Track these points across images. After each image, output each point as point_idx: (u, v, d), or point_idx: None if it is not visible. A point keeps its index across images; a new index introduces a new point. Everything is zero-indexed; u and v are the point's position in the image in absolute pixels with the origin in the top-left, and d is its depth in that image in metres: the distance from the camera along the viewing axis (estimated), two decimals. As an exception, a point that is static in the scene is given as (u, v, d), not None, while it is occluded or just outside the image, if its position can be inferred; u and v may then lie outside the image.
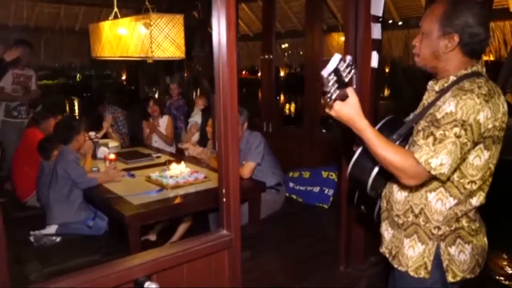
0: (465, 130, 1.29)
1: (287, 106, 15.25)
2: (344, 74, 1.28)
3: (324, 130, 1.83)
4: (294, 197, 4.02)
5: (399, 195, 1.53)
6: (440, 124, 1.31)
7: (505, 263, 3.41)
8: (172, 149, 4.96)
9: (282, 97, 16.10)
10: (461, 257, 1.46)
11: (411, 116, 1.62)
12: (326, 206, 3.81)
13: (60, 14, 6.00)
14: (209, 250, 1.78)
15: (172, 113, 5.40)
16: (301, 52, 5.98)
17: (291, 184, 4.08)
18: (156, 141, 5.00)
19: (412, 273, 1.49)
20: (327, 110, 1.39)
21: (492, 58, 4.28)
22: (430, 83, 1.55)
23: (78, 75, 21.61)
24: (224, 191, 1.81)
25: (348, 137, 1.60)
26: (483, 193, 1.45)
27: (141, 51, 3.02)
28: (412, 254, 1.49)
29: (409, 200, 1.50)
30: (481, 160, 1.39)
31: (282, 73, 14.77)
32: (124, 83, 11.46)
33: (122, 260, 1.64)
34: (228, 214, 1.82)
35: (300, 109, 12.56)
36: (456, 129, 1.29)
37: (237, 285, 1.88)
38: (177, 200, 2.84)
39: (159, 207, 2.68)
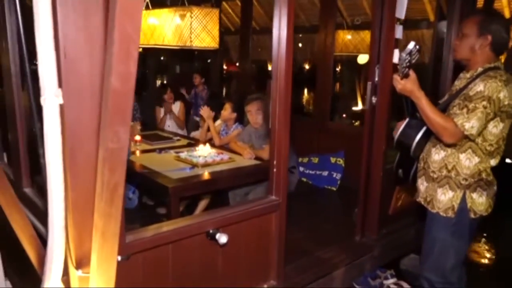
0: (490, 103, 1.78)
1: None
2: (413, 57, 1.73)
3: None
4: (305, 180, 4.37)
5: (436, 156, 2.03)
6: (472, 99, 1.81)
7: (487, 247, 3.86)
8: (184, 132, 5.26)
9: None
10: (480, 200, 1.99)
11: (446, 97, 2.12)
12: (334, 188, 4.18)
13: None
14: (262, 211, 2.12)
15: (199, 102, 5.68)
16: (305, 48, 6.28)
17: (301, 169, 4.43)
18: (170, 126, 5.29)
19: (442, 213, 2.02)
20: (395, 83, 1.88)
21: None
22: (461, 74, 2.07)
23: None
24: (275, 162, 2.13)
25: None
26: (498, 156, 1.96)
27: (179, 40, 3.28)
28: (443, 199, 2.00)
29: (444, 159, 2.00)
30: (497, 129, 1.90)
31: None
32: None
33: (195, 215, 1.95)
34: (278, 182, 2.15)
35: (305, 102, 12.92)
36: (484, 102, 1.78)
37: (282, 242, 2.22)
38: (209, 176, 3.14)
39: (196, 181, 2.97)
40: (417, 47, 1.73)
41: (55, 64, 1.27)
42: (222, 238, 1.87)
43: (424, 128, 2.01)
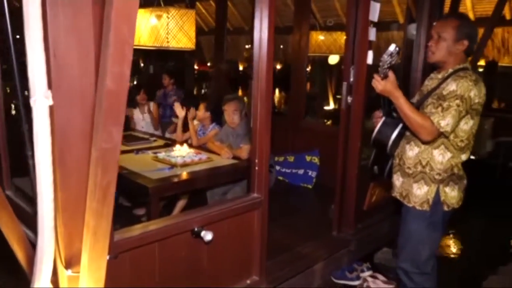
0: (462, 102, 1.90)
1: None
2: (393, 59, 1.83)
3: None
4: (281, 178, 4.45)
5: (411, 152, 2.14)
6: (446, 98, 1.93)
7: (451, 241, 4.06)
8: (159, 133, 5.25)
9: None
10: (452, 193, 2.10)
11: (417, 96, 2.26)
12: (310, 186, 4.27)
13: None
14: (245, 209, 2.17)
15: (168, 103, 5.67)
16: (281, 46, 6.37)
17: (277, 167, 4.50)
18: (143, 127, 5.26)
19: (418, 207, 2.13)
20: (374, 84, 1.98)
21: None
22: (433, 75, 2.19)
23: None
24: (257, 161, 2.18)
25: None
26: (468, 151, 2.09)
27: (155, 40, 3.29)
28: (419, 193, 2.11)
29: (418, 155, 2.11)
30: (468, 126, 2.02)
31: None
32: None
33: (181, 214, 1.99)
34: (260, 180, 2.21)
35: (277, 101, 13.03)
36: (457, 101, 1.90)
37: (264, 238, 2.28)
38: (188, 176, 3.16)
39: (175, 181, 2.99)
40: (397, 49, 1.82)
41: (44, 65, 1.28)
42: (208, 236, 1.91)
43: (399, 126, 2.11)
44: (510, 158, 6.48)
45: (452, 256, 3.83)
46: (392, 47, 1.81)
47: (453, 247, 3.99)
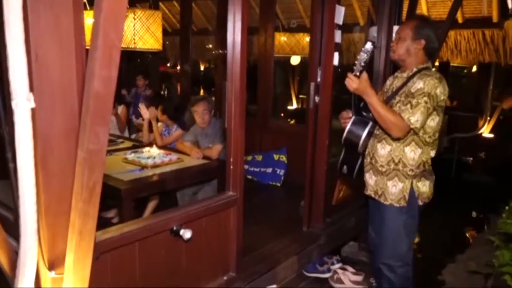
0: (430, 99, 2.00)
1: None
2: (368, 57, 1.92)
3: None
4: (250, 177, 4.52)
5: (383, 151, 2.20)
6: (414, 96, 2.02)
7: None
8: (126, 135, 5.19)
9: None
10: (423, 188, 2.20)
11: (380, 96, 2.28)
12: (278, 184, 4.37)
13: None
14: (221, 207, 2.22)
15: (140, 102, 5.61)
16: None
17: (246, 166, 4.57)
18: (110, 128, 5.18)
19: (395, 204, 2.19)
20: (348, 83, 2.03)
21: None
22: (398, 74, 2.28)
23: None
24: (232, 159, 2.24)
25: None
26: (435, 147, 2.19)
27: (122, 41, 3.28)
28: (395, 190, 2.18)
29: (390, 153, 2.17)
30: (434, 122, 2.11)
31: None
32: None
33: (159, 213, 2.02)
34: (235, 178, 2.26)
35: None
36: (425, 98, 2.00)
37: (240, 235, 2.34)
38: (160, 177, 3.17)
39: (147, 183, 3.00)
40: (373, 47, 1.91)
41: (26, 68, 1.28)
42: (187, 234, 1.95)
43: (369, 125, 2.15)
44: (464, 152, 6.90)
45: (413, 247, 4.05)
46: (369, 45, 1.88)
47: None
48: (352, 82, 2.01)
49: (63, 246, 1.40)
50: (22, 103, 1.29)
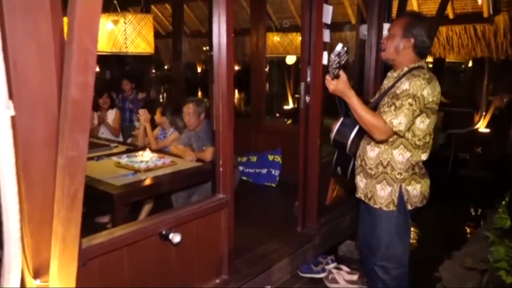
0: (415, 101, 1.92)
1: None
2: (342, 58, 1.84)
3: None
4: (245, 178, 4.51)
5: (372, 153, 2.13)
6: (399, 97, 1.95)
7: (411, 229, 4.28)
8: (120, 140, 5.17)
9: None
10: (414, 192, 2.11)
11: (377, 96, 2.26)
12: (274, 185, 4.37)
13: None
14: (212, 209, 2.21)
15: (128, 107, 5.60)
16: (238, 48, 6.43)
17: (240, 168, 4.56)
18: (103, 133, 5.17)
19: (384, 208, 2.12)
20: (326, 84, 1.97)
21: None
22: (389, 73, 2.22)
23: None
24: (221, 162, 2.23)
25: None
26: (428, 150, 2.10)
27: (113, 46, 3.26)
28: (384, 194, 2.11)
29: (379, 156, 2.10)
30: (424, 124, 2.02)
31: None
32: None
33: (148, 218, 2.00)
34: (224, 180, 2.26)
35: (236, 102, 13.07)
36: (410, 100, 1.92)
37: (231, 238, 2.33)
38: (153, 181, 3.16)
39: (140, 187, 2.99)
40: (345, 48, 1.84)
41: (4, 76, 1.27)
42: (176, 238, 1.94)
43: (357, 126, 2.08)
44: (460, 148, 6.90)
45: (410, 243, 4.04)
46: (339, 47, 1.81)
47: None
48: (329, 83, 1.96)
49: (47, 254, 1.39)
50: (1, 111, 1.29)
